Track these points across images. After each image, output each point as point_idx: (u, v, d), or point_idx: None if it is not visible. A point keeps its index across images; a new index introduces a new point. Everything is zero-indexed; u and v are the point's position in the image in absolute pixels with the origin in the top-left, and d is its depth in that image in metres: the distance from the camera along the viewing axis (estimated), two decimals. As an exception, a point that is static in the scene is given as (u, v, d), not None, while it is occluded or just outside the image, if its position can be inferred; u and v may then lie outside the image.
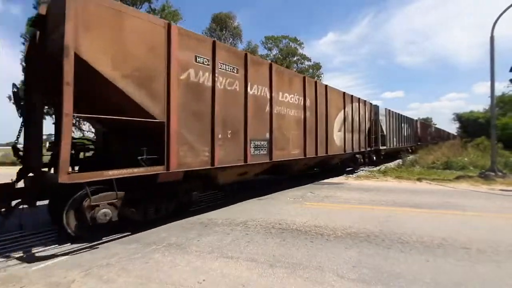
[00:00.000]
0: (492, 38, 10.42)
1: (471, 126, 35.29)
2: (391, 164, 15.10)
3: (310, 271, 2.99)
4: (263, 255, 3.43)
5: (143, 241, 3.97)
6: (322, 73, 39.16)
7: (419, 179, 10.09)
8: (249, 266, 3.12)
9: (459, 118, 43.76)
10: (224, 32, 34.13)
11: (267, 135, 6.48)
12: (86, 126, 19.96)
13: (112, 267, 3.15)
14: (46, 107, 6.14)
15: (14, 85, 4.46)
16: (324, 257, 3.33)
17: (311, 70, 37.58)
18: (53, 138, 5.18)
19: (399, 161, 15.60)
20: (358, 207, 5.97)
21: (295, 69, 34.41)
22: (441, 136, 42.62)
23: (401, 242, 3.79)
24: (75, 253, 3.59)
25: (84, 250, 3.67)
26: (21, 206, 4.07)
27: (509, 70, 10.57)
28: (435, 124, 61.17)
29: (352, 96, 11.40)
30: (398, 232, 4.21)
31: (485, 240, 3.83)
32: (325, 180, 10.16)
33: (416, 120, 25.71)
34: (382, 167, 13.99)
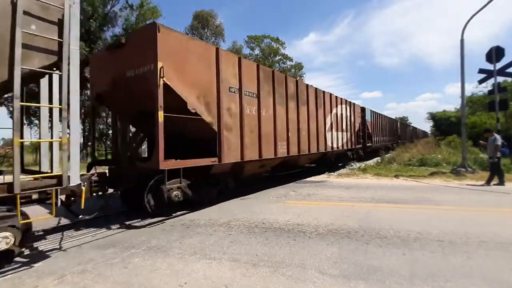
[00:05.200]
0: (462, 41, 11.01)
1: (444, 125, 37.18)
2: (371, 162, 15.59)
3: (292, 269, 3.01)
4: (246, 254, 3.42)
5: (121, 245, 3.84)
6: (304, 73, 39.80)
7: (396, 176, 10.49)
8: (232, 267, 3.10)
9: (433, 117, 45.99)
10: (206, 30, 33.75)
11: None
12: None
13: (88, 273, 3.02)
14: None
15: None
16: (306, 255, 3.37)
17: (293, 70, 38.02)
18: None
19: (378, 158, 16.13)
20: (339, 204, 6.10)
21: (277, 69, 34.63)
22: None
23: (379, 237, 3.91)
24: (48, 259, 3.41)
25: (58, 256, 3.49)
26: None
27: (478, 72, 11.20)
28: (411, 123, 64.00)
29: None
30: (376, 227, 4.35)
31: (456, 232, 4.03)
32: (308, 179, 10.31)
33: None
34: (362, 164, 14.41)
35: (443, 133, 33.02)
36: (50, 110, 3.82)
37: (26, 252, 3.69)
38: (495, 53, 10.53)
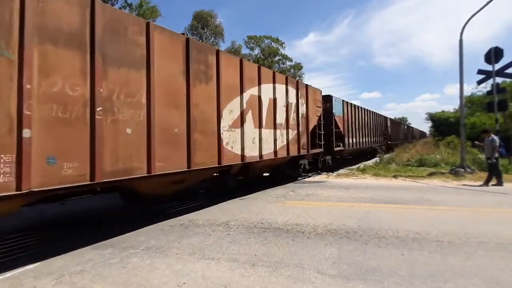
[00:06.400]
0: (461, 42, 11.03)
1: (443, 125, 37.21)
2: (369, 162, 15.61)
3: (291, 269, 3.01)
4: (245, 255, 3.41)
5: (119, 245, 3.82)
6: (304, 73, 39.90)
7: (395, 176, 10.50)
8: (231, 267, 3.09)
9: (432, 117, 46.06)
10: (205, 30, 33.77)
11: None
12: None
13: (86, 273, 3.01)
14: None
15: None
16: (305, 255, 3.37)
17: (292, 70, 38.09)
18: None
19: (377, 159, 16.15)
20: (338, 204, 6.10)
21: (277, 69, 34.68)
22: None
23: (378, 237, 3.91)
24: (46, 259, 3.39)
25: (56, 256, 3.47)
26: None
27: (477, 73, 11.24)
28: (410, 123, 64.20)
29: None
30: (375, 227, 4.34)
31: (455, 232, 4.04)
32: (307, 179, 10.32)
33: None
34: (361, 165, 14.42)
35: (442, 134, 33.07)
36: None
37: (24, 252, 3.68)
38: (494, 54, 10.57)
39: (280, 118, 8.09)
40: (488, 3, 10.35)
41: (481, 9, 10.63)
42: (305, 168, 10.13)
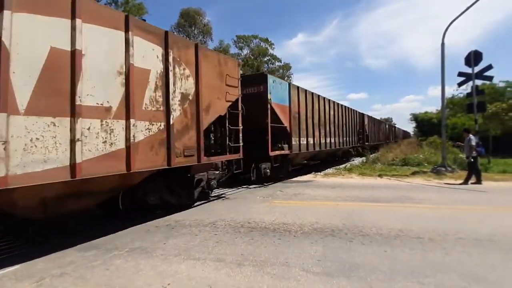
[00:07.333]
0: (442, 45, 11.41)
1: (426, 126, 38.36)
2: (356, 162, 15.92)
3: (277, 267, 3.03)
4: (231, 254, 3.42)
5: (103, 247, 3.74)
6: (292, 74, 40.20)
7: (380, 175, 10.75)
8: (217, 267, 3.09)
9: (416, 118, 47.42)
10: (193, 28, 33.41)
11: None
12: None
13: (67, 276, 2.93)
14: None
15: None
16: (291, 253, 3.40)
17: (281, 70, 38.28)
18: None
19: (363, 158, 16.48)
20: (324, 203, 6.19)
21: (265, 69, 34.82)
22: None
23: (362, 235, 4.00)
24: (28, 261, 3.28)
25: (39, 258, 3.36)
26: None
27: (457, 75, 11.64)
28: (395, 124, 65.73)
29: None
30: (360, 225, 4.44)
31: (435, 229, 4.18)
32: (294, 178, 10.41)
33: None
34: (348, 164, 14.67)
35: (425, 134, 34.10)
36: None
37: (7, 254, 3.55)
38: (473, 57, 10.97)
39: (101, 96, 3.84)
40: (468, 8, 10.75)
41: (461, 13, 11.02)
42: (211, 186, 6.39)
